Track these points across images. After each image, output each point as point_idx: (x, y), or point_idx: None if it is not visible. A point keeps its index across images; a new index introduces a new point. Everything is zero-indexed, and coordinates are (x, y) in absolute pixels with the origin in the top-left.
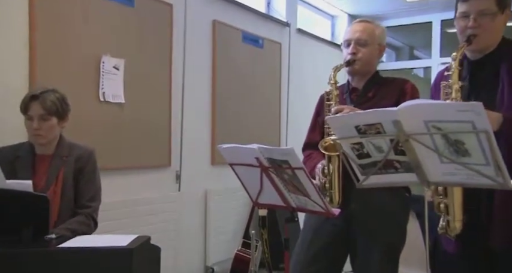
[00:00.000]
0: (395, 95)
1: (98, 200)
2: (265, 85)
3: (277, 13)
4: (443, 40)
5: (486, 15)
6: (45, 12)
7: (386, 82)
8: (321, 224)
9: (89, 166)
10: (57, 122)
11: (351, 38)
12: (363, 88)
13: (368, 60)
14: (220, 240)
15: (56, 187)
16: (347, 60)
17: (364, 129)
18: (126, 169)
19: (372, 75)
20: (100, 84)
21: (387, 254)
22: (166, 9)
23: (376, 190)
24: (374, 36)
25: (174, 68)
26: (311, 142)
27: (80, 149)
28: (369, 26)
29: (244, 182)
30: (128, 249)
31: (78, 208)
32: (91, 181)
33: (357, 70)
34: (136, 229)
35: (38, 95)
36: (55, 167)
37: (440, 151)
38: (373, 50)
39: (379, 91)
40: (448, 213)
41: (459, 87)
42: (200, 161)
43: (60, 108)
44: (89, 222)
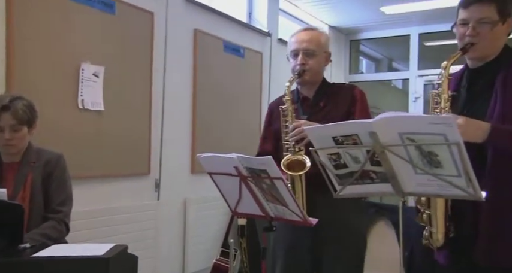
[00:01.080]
0: (346, 103)
1: (69, 205)
2: (246, 95)
3: (259, 23)
4: (421, 53)
5: (485, 23)
6: (24, 18)
7: (335, 90)
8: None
9: (57, 171)
10: (28, 130)
11: (299, 48)
12: (313, 97)
13: (317, 70)
14: (199, 249)
15: (24, 193)
16: (297, 72)
17: (341, 140)
18: (104, 177)
19: (320, 84)
20: (79, 91)
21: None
22: (148, 17)
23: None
24: (320, 44)
25: (155, 76)
26: (263, 153)
27: (48, 155)
28: (315, 34)
29: (223, 191)
30: (104, 258)
31: (49, 213)
32: (61, 185)
33: (307, 81)
34: (115, 238)
35: (8, 105)
36: (22, 174)
37: (414, 162)
38: (321, 59)
39: (330, 99)
40: (431, 224)
41: (448, 97)
42: (180, 169)
43: (30, 116)
44: (60, 227)
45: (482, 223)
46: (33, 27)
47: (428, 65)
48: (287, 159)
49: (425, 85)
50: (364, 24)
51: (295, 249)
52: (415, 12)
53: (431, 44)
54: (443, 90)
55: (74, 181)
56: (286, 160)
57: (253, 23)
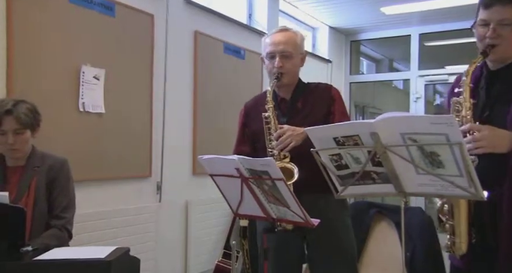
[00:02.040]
0: (325, 103)
1: (72, 211)
2: (247, 96)
3: (259, 24)
4: (421, 53)
5: (507, 25)
6: (24, 22)
7: (311, 90)
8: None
9: (61, 176)
10: (31, 134)
11: (275, 50)
12: (290, 99)
13: (294, 72)
14: (201, 251)
15: (28, 198)
16: (275, 76)
17: (342, 141)
18: (106, 180)
19: (296, 84)
20: (80, 94)
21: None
22: (148, 20)
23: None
24: (297, 46)
25: (155, 78)
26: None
27: (52, 159)
28: (291, 36)
29: (225, 192)
30: (106, 261)
31: (51, 219)
32: (64, 191)
33: (284, 83)
34: (116, 240)
35: (11, 109)
36: (26, 178)
37: (416, 162)
38: (297, 60)
39: (307, 100)
40: (454, 234)
41: (470, 105)
42: (181, 171)
43: (34, 119)
44: (62, 235)
45: (504, 231)
46: (34, 29)
47: (429, 65)
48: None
49: (426, 85)
50: (364, 25)
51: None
52: (415, 12)
53: (431, 44)
54: (465, 98)
55: (76, 184)
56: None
57: (253, 24)
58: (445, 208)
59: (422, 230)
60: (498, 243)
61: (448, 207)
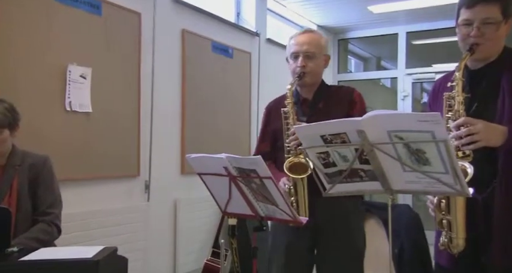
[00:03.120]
0: (345, 105)
1: (59, 207)
2: (235, 95)
3: (247, 23)
4: (408, 51)
5: (490, 24)
6: (9, 20)
7: (333, 92)
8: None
9: (44, 173)
10: (10, 134)
11: (299, 50)
12: (312, 99)
13: (317, 72)
14: (190, 250)
15: (11, 198)
16: (298, 74)
17: (329, 139)
18: (94, 179)
19: (319, 85)
20: (66, 93)
21: (353, 259)
22: (135, 18)
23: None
24: (321, 47)
25: (143, 77)
26: (261, 153)
27: (33, 157)
28: (315, 37)
29: (213, 191)
30: (94, 261)
31: (38, 216)
32: (49, 188)
33: (307, 83)
34: (104, 240)
35: None
36: (8, 177)
37: (402, 160)
38: (320, 61)
39: (329, 101)
40: (451, 230)
41: (463, 99)
42: (170, 171)
43: (12, 119)
44: (50, 229)
45: (495, 224)
46: (19, 28)
47: (416, 64)
48: (289, 161)
49: (413, 83)
50: (352, 23)
51: (294, 247)
52: (403, 11)
53: (419, 42)
54: (458, 92)
55: (63, 184)
56: (288, 163)
57: (242, 23)
58: (442, 204)
59: (410, 227)
60: (491, 237)
61: (446, 202)
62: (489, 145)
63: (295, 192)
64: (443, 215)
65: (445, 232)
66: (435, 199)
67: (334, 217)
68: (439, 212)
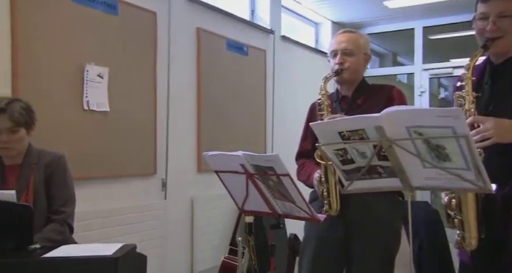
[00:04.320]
0: (383, 101)
1: (72, 205)
2: (251, 92)
3: (262, 20)
4: (425, 46)
5: (506, 17)
6: (28, 22)
7: (373, 89)
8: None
9: (58, 172)
10: (26, 132)
11: (337, 48)
12: (351, 96)
13: (355, 69)
14: (207, 247)
15: (27, 196)
16: (335, 70)
17: (347, 135)
18: (111, 178)
19: (359, 83)
20: (84, 92)
21: (384, 260)
22: (150, 17)
23: (371, 195)
24: (359, 45)
25: (159, 76)
26: (303, 151)
27: (49, 156)
28: (353, 36)
29: (230, 189)
30: (113, 258)
31: (51, 214)
32: (63, 186)
33: (345, 79)
34: (122, 238)
35: (5, 107)
36: (25, 176)
37: (422, 156)
38: (359, 59)
39: (368, 98)
40: (464, 229)
41: (473, 98)
42: (186, 168)
43: (28, 117)
44: (63, 229)
45: None
46: (38, 29)
47: (434, 59)
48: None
49: (431, 79)
50: (367, 19)
51: (325, 241)
52: (419, 5)
53: (435, 37)
54: (468, 91)
55: (81, 182)
56: (319, 151)
57: (256, 20)
58: (452, 203)
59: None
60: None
61: (456, 201)
62: (503, 141)
63: (326, 180)
64: (454, 215)
65: (458, 231)
66: (446, 197)
67: (367, 213)
68: (450, 211)
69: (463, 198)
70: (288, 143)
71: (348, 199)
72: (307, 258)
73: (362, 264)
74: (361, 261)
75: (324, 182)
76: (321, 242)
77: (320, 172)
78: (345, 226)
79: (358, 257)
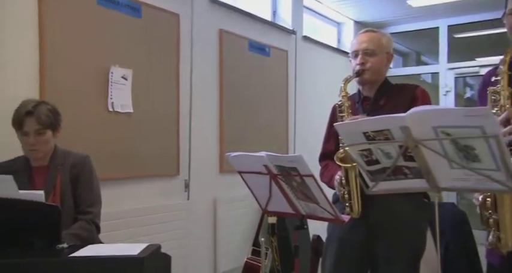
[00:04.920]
0: (406, 101)
1: (98, 205)
2: (273, 93)
3: (283, 21)
4: (450, 45)
5: None
6: (55, 24)
7: (396, 89)
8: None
9: (84, 172)
10: (52, 134)
11: (358, 48)
12: (374, 96)
13: (377, 69)
14: (230, 248)
15: (55, 196)
16: (356, 71)
17: (372, 135)
18: (135, 178)
19: (381, 83)
20: (109, 94)
21: (409, 262)
22: (173, 19)
23: (396, 197)
24: (381, 45)
25: (182, 77)
26: (326, 152)
27: (75, 157)
28: (375, 36)
29: (253, 189)
30: (139, 258)
31: (78, 214)
32: (89, 187)
33: (367, 80)
34: (146, 238)
35: (32, 110)
36: (51, 177)
37: (449, 156)
38: (381, 59)
39: (391, 98)
40: (499, 229)
41: (509, 94)
42: (208, 169)
43: (54, 120)
44: (90, 227)
45: None
46: (64, 32)
47: (459, 58)
48: (342, 153)
49: (456, 78)
50: (390, 18)
51: (347, 243)
52: (443, 3)
53: (461, 35)
54: (503, 86)
55: (105, 182)
56: (340, 153)
57: (278, 21)
58: (487, 202)
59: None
60: None
61: (491, 200)
62: None
63: (347, 183)
64: (489, 214)
65: (493, 231)
66: (480, 197)
67: (392, 214)
68: (485, 211)
69: (499, 197)
70: (310, 144)
71: (370, 201)
72: (330, 260)
73: (388, 266)
74: (386, 263)
75: (345, 184)
76: (343, 244)
77: (341, 174)
78: (368, 227)
79: (383, 259)
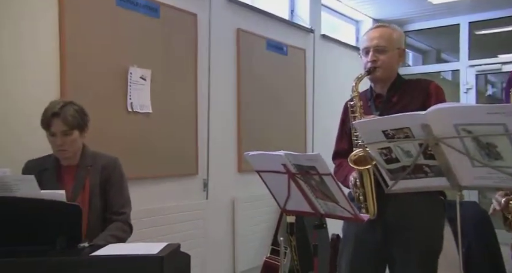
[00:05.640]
0: (420, 97)
1: (129, 207)
2: (291, 92)
3: (301, 20)
4: (471, 42)
5: None
6: (74, 25)
7: (409, 85)
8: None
9: (115, 175)
10: (79, 134)
11: (369, 45)
12: (386, 93)
13: (389, 66)
14: (249, 247)
15: (83, 196)
16: (368, 69)
17: (392, 134)
18: (154, 178)
19: (394, 80)
20: (128, 94)
21: (426, 261)
22: (191, 19)
23: (411, 195)
24: (392, 41)
25: (200, 77)
26: (340, 151)
27: (104, 158)
28: (386, 31)
29: (272, 189)
30: (159, 257)
31: (112, 215)
32: (120, 189)
33: (378, 78)
34: (165, 237)
35: (59, 111)
36: (80, 177)
37: (471, 154)
38: (393, 55)
39: (404, 95)
40: None
41: None
42: (227, 169)
43: (81, 120)
44: (127, 228)
45: None
46: (84, 33)
47: (480, 55)
48: (355, 155)
49: (477, 75)
50: (410, 16)
51: (363, 243)
52: (464, 0)
53: (482, 32)
54: None
55: None
56: (353, 155)
57: (296, 19)
58: (510, 205)
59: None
60: None
61: None
62: None
63: (362, 185)
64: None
65: None
66: (503, 200)
67: (407, 213)
68: (508, 214)
69: None
70: (329, 143)
71: (385, 202)
72: (346, 260)
73: (405, 264)
74: (403, 262)
75: (360, 186)
76: (360, 244)
77: (355, 175)
78: (384, 227)
79: (400, 258)
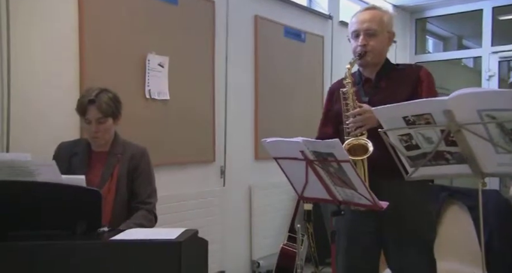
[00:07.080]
0: (410, 83)
1: (156, 197)
2: (308, 79)
3: (319, 6)
4: (494, 28)
5: None
6: (93, 12)
7: (398, 70)
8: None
9: (143, 165)
10: (113, 122)
11: (359, 28)
12: (375, 78)
13: (379, 50)
14: (266, 234)
15: (111, 184)
16: (358, 53)
17: (412, 120)
18: (171, 165)
19: (383, 64)
20: (146, 81)
21: (422, 246)
22: (209, 6)
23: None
24: (383, 24)
25: (217, 64)
26: (324, 137)
27: (133, 148)
28: (377, 14)
29: (289, 176)
30: (177, 242)
31: (139, 204)
32: (148, 179)
33: (369, 62)
34: (182, 223)
35: (94, 99)
36: (110, 164)
37: (495, 141)
38: (383, 39)
39: (392, 80)
40: None
41: None
42: (244, 156)
43: (115, 108)
44: (151, 217)
45: None
46: (104, 20)
47: (503, 41)
48: (348, 144)
49: (500, 62)
50: (431, 1)
51: (355, 231)
52: None
53: (506, 17)
54: None
55: None
56: (347, 145)
57: (314, 6)
58: None
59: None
60: None
61: None
62: None
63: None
64: None
65: None
66: None
67: (400, 202)
68: None
69: None
70: None
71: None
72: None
73: (400, 250)
74: (398, 247)
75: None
76: (351, 234)
77: None
78: (378, 217)
79: (395, 246)
